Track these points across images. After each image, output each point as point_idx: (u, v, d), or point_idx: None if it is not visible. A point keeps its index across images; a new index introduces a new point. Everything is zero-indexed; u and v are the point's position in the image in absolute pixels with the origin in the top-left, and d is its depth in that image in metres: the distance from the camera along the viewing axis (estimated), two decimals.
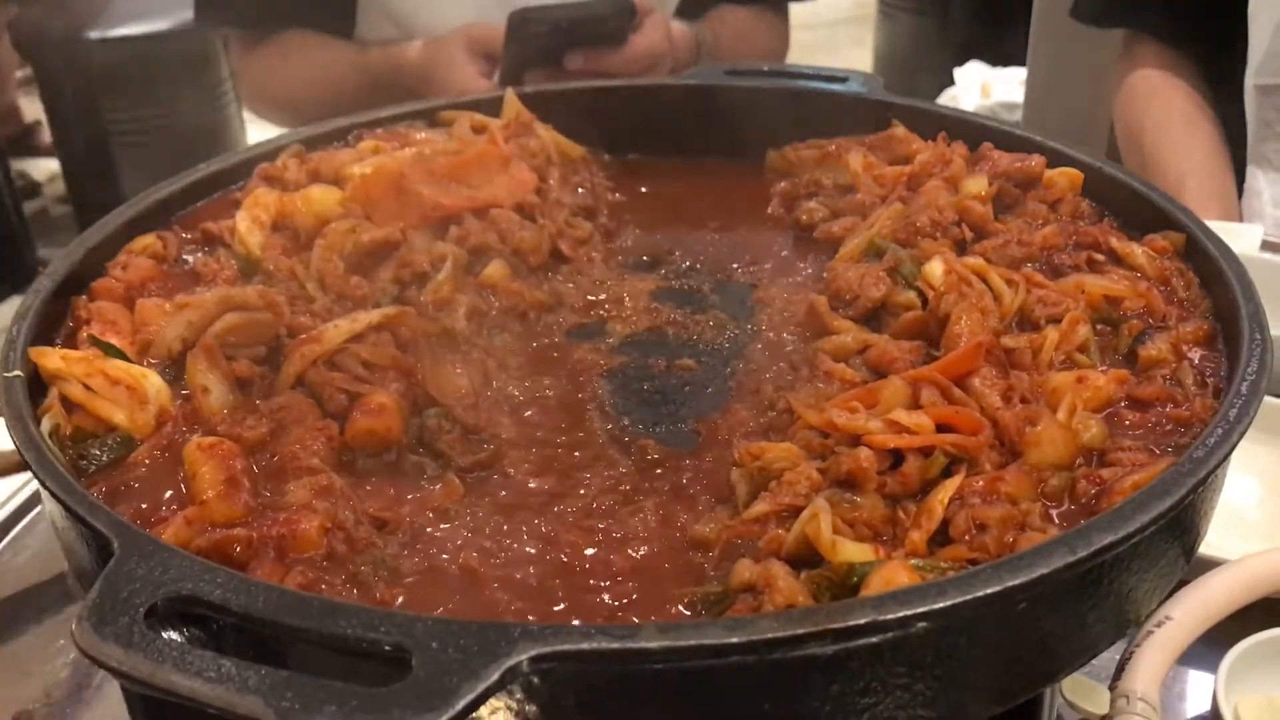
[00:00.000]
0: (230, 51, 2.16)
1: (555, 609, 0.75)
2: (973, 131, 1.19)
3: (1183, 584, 0.96)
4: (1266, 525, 1.16)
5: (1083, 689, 0.90)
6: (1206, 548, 0.91)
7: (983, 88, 3.77)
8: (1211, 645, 0.96)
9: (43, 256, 4.45)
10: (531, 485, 0.88)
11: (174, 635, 0.61)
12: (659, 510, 0.84)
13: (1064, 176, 1.11)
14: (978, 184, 1.07)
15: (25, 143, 4.86)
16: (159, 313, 0.96)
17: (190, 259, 1.08)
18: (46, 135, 4.37)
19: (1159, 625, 0.93)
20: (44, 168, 4.87)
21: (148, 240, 1.08)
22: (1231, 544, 1.10)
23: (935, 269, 0.94)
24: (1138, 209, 1.08)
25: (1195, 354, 0.90)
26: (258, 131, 4.33)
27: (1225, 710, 0.92)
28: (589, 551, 0.80)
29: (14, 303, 4.14)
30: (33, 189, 4.70)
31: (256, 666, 0.58)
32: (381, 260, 1.06)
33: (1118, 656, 0.93)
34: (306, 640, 0.61)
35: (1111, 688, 0.91)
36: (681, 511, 0.84)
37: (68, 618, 1.09)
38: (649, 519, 0.83)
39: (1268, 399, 1.17)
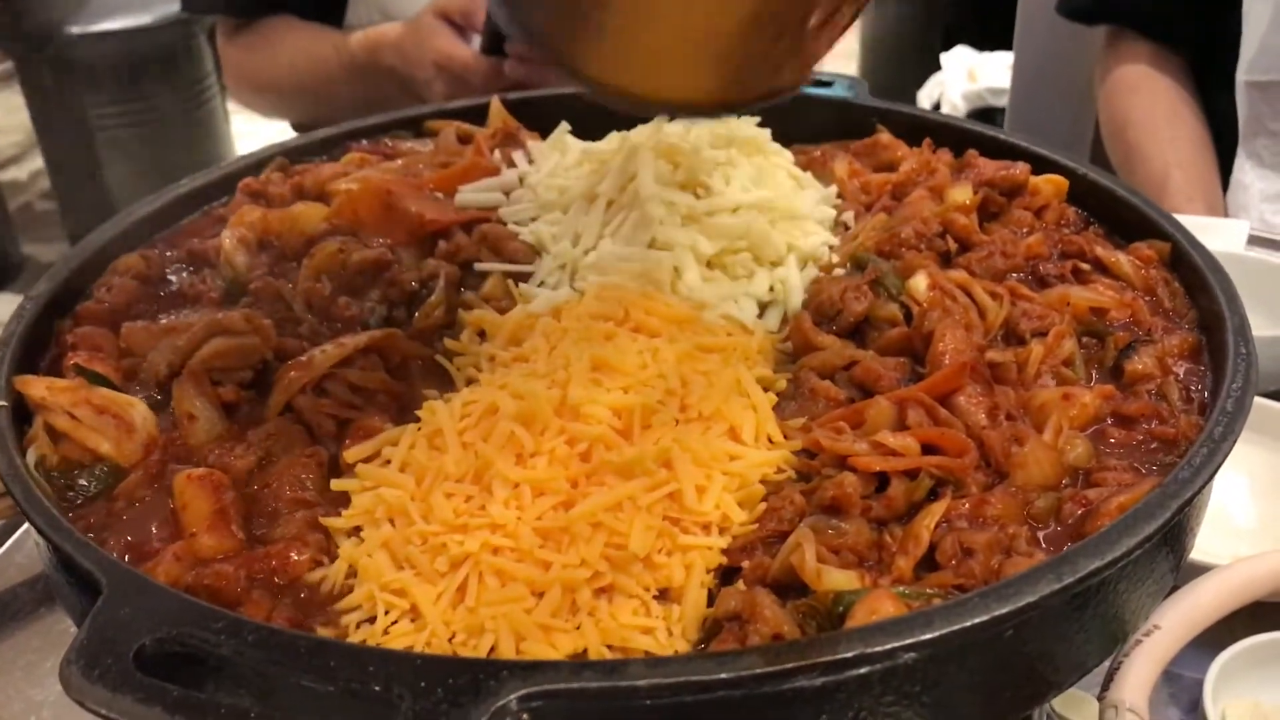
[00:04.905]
0: (216, 38, 2.17)
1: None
2: (958, 137, 1.19)
3: (1172, 589, 0.96)
4: (1255, 526, 1.16)
5: (1071, 700, 0.90)
6: (1194, 552, 0.91)
7: (969, 72, 3.75)
8: (1199, 650, 0.97)
9: (27, 253, 4.43)
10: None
11: (163, 676, 0.61)
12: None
13: (1049, 184, 1.10)
14: (962, 193, 1.07)
15: None
16: (145, 336, 0.96)
17: (175, 279, 1.07)
18: None
19: (1147, 634, 0.94)
20: (28, 164, 4.85)
21: (131, 260, 1.07)
22: (1219, 545, 1.10)
23: (919, 283, 0.94)
24: (1123, 215, 1.08)
25: (1181, 367, 0.90)
26: (242, 123, 4.31)
27: (1213, 716, 0.92)
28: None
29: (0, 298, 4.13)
30: None
31: (246, 710, 0.58)
32: (371, 279, 1.04)
33: (1107, 664, 0.93)
34: (296, 680, 0.61)
35: (1100, 698, 0.91)
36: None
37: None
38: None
39: (1258, 400, 1.17)
